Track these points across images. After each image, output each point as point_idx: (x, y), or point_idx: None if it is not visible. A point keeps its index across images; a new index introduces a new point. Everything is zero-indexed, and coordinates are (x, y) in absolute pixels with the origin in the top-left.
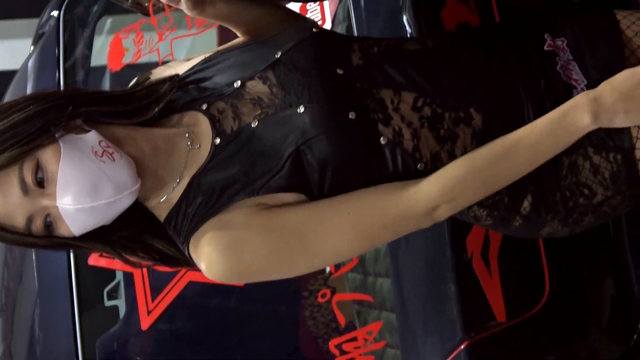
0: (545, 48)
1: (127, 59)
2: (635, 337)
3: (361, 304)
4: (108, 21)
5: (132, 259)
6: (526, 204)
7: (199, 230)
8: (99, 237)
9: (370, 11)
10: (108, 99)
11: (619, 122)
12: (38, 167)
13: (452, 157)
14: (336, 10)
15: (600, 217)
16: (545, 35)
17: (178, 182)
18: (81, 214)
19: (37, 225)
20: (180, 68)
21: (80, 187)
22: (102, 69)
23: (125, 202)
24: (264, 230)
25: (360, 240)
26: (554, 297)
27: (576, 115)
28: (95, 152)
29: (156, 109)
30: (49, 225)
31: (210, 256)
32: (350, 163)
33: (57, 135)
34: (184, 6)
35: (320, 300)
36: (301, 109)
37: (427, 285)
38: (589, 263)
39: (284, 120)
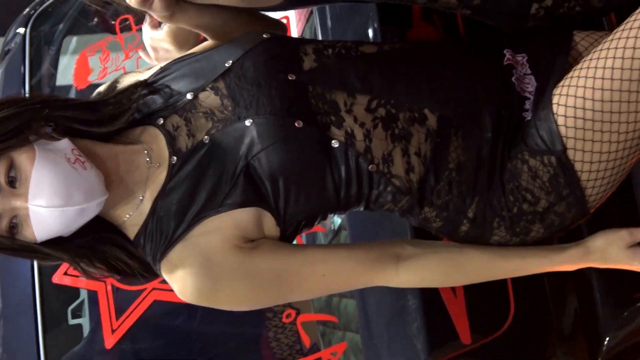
0: (505, 61)
1: (93, 77)
2: (600, 359)
3: (326, 325)
4: (74, 39)
5: (91, 270)
6: (473, 205)
7: (171, 253)
8: (58, 245)
9: (337, 31)
10: (82, 106)
11: None
12: (11, 167)
13: (406, 155)
14: (303, 29)
15: (549, 227)
16: (505, 51)
17: (141, 200)
18: (49, 217)
19: (2, 226)
20: (146, 74)
21: (54, 190)
22: (67, 87)
23: (93, 211)
24: (240, 274)
25: (325, 293)
26: (519, 319)
27: (567, 266)
28: (68, 158)
29: (127, 116)
30: (13, 227)
31: (186, 281)
32: (301, 172)
33: (30, 139)
34: (156, 9)
35: (285, 320)
36: (248, 122)
37: (392, 307)
38: (554, 284)
39: (234, 135)
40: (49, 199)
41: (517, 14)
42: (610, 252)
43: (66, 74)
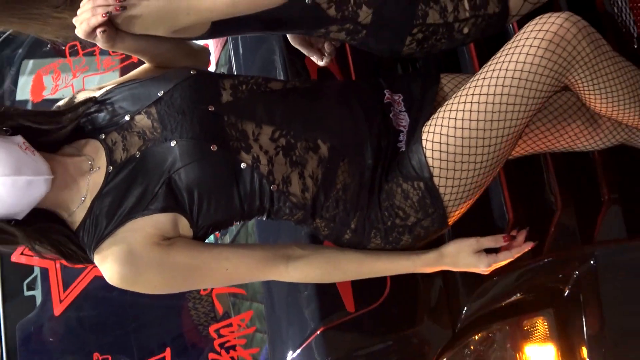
0: (385, 100)
1: (47, 93)
2: (459, 325)
3: (236, 296)
4: (31, 62)
5: (42, 251)
6: (355, 219)
7: (102, 245)
8: (17, 227)
9: (247, 58)
10: (39, 114)
11: None
12: None
13: (302, 177)
14: (219, 55)
15: (416, 237)
16: (385, 91)
17: (83, 201)
18: (3, 188)
19: None
20: (97, 93)
21: (5, 162)
22: (25, 101)
23: (40, 187)
24: (158, 266)
25: (229, 283)
26: (393, 293)
27: (424, 269)
28: (20, 146)
29: (74, 123)
30: None
31: (113, 269)
32: (213, 187)
33: None
34: (99, 41)
35: (202, 293)
36: (173, 144)
37: (290, 282)
38: None
39: (161, 152)
40: (4, 173)
41: (394, 44)
42: (459, 257)
43: (24, 90)
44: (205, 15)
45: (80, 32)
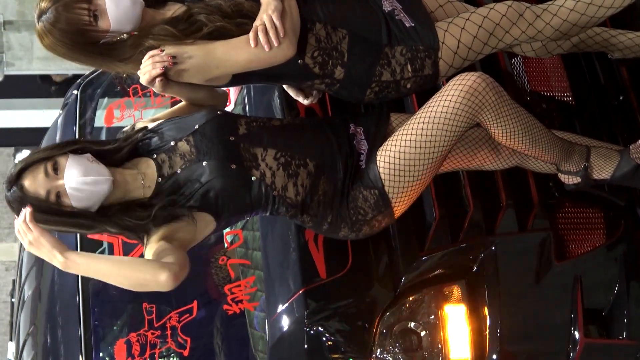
0: (350, 132)
1: (115, 120)
2: (399, 290)
3: (244, 266)
4: (105, 99)
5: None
6: (330, 215)
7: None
8: (99, 218)
9: (256, 100)
10: (102, 142)
11: None
12: (55, 164)
13: (296, 186)
14: (237, 97)
15: (372, 227)
16: (350, 124)
17: None
18: (77, 189)
19: (52, 198)
20: (152, 124)
21: (79, 169)
22: (100, 127)
23: (103, 185)
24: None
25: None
26: (354, 265)
27: None
28: (88, 159)
29: (130, 147)
30: (58, 197)
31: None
32: (233, 193)
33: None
34: (156, 87)
35: (220, 262)
36: (204, 163)
37: (282, 256)
38: (374, 247)
39: (196, 170)
40: (76, 176)
41: (358, 94)
42: None
43: (100, 118)
44: (229, 69)
45: (143, 80)
